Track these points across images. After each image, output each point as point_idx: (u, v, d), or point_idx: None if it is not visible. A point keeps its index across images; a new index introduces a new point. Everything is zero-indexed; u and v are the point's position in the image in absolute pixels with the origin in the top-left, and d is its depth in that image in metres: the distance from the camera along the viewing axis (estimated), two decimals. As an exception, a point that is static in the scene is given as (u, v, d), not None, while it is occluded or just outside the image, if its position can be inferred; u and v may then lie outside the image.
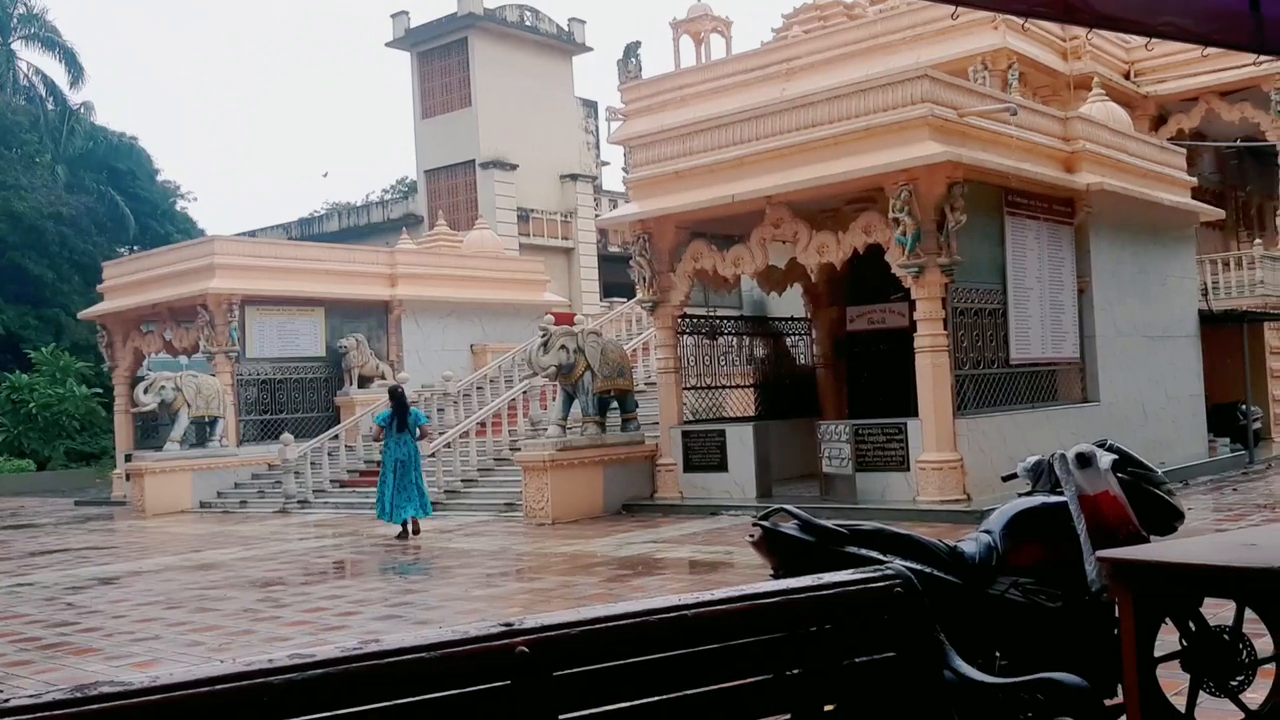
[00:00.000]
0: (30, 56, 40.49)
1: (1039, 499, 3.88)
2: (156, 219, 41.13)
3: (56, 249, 35.02)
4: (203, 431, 19.99)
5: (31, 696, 1.86)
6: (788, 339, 17.56)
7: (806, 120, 13.25)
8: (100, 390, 28.79)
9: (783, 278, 15.85)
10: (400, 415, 13.86)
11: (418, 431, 14.03)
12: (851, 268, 14.40)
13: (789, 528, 3.38)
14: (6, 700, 1.83)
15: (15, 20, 39.78)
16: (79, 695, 1.88)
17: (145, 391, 19.25)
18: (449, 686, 2.13)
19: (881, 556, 3.23)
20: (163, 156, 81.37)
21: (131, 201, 39.79)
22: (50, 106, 40.06)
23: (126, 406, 22.50)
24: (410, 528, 13.57)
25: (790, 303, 17.39)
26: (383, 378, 22.21)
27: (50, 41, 39.90)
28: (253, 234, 36.44)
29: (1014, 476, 4.22)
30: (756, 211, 13.77)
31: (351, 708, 2.04)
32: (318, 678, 2.03)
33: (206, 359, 21.13)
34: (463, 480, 17.04)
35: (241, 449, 20.46)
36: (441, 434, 17.75)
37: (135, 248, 35.84)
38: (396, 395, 14.19)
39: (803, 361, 17.53)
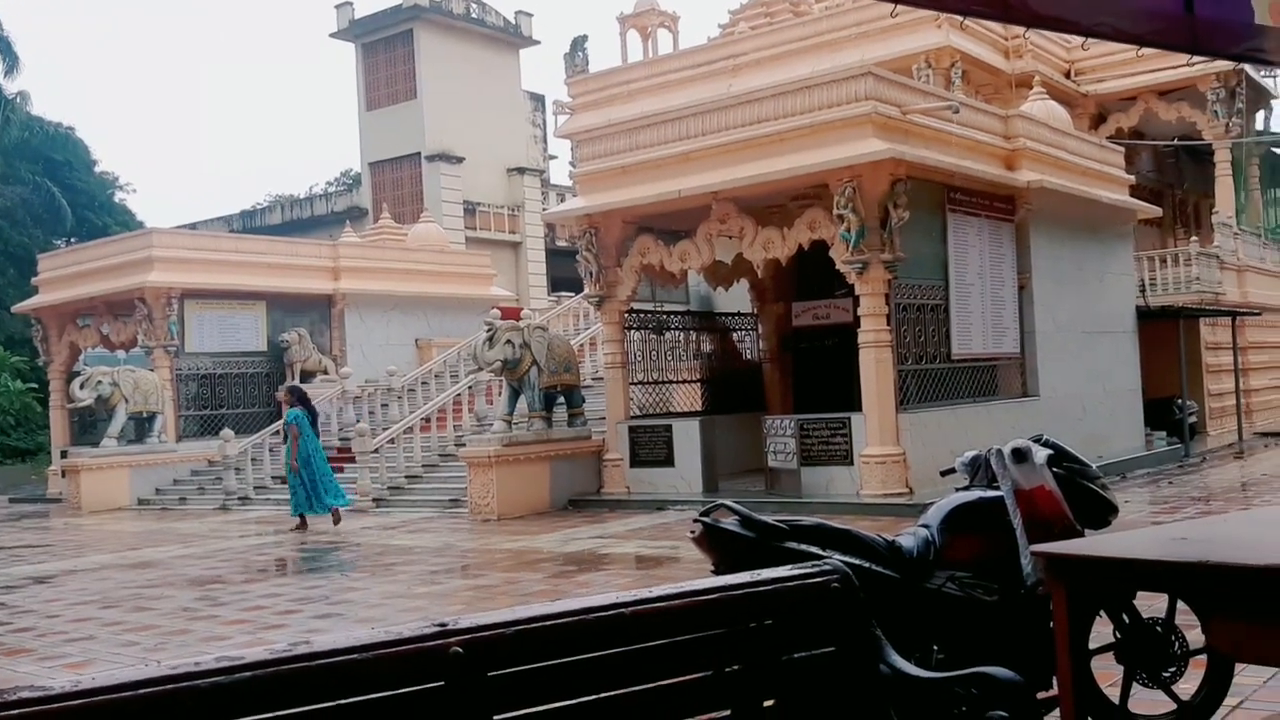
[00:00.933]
0: (-38, 44, 39.46)
1: (976, 493, 3.91)
2: (94, 210, 40.32)
3: (-11, 241, 34.23)
4: (141, 427, 19.64)
5: (-53, 702, 1.81)
6: (734, 334, 17.62)
7: (752, 116, 13.29)
8: (35, 385, 28.20)
9: (729, 273, 15.90)
10: (313, 413, 14.55)
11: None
12: (797, 263, 14.48)
13: (729, 523, 3.38)
14: (-82, 706, 1.78)
15: (-54, 6, 38.75)
16: (-3, 701, 1.83)
17: (81, 387, 18.88)
18: (382, 688, 2.10)
19: (821, 552, 3.24)
20: (101, 147, 79.74)
21: (68, 193, 38.94)
22: (-16, 95, 39.09)
23: (62, 402, 22.04)
24: (333, 517, 14.05)
25: (737, 298, 17.46)
26: (325, 372, 21.97)
27: (-17, 29, 38.90)
28: (193, 226, 35.84)
29: (952, 471, 4.25)
30: (703, 207, 13.79)
31: (281, 710, 2.00)
32: (246, 680, 1.99)
33: (145, 353, 20.76)
34: (407, 476, 16.90)
35: (181, 445, 20.13)
36: (385, 429, 17.60)
37: (72, 240, 35.11)
38: (302, 393, 14.93)
39: (749, 357, 17.60)
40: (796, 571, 2.56)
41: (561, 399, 15.44)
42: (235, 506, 17.64)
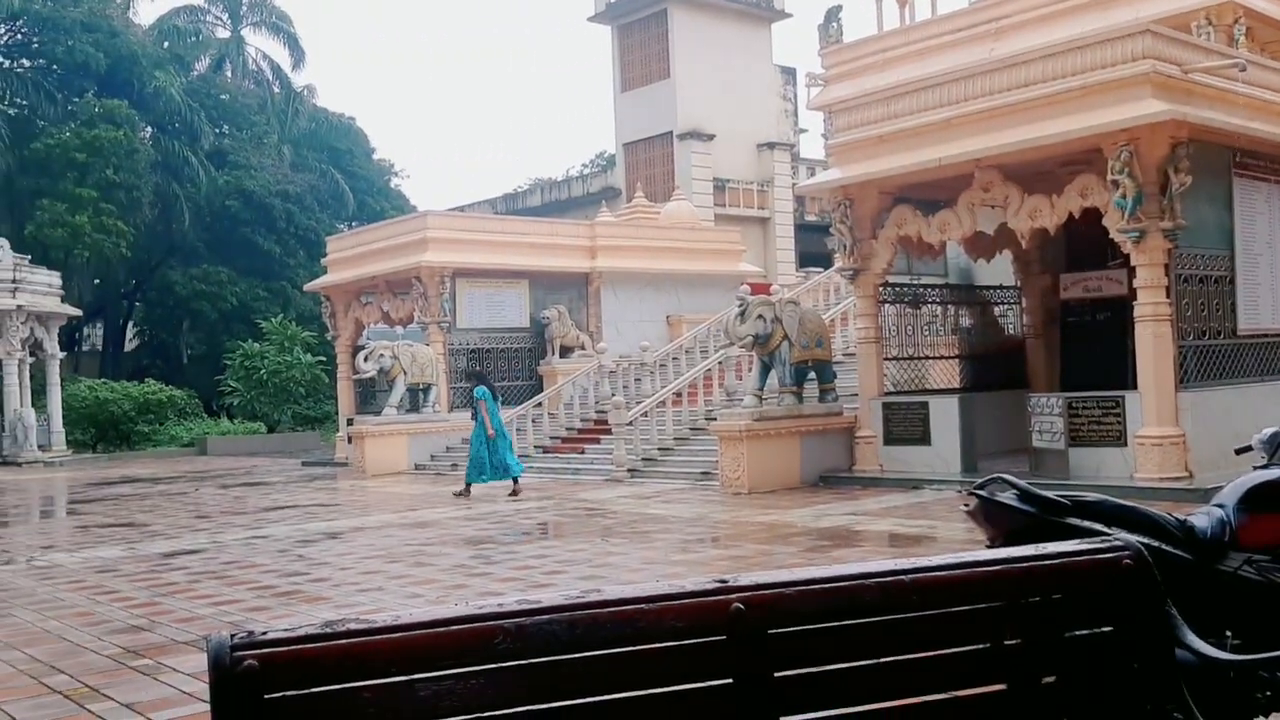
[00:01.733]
0: (258, 42, 43.24)
1: (1277, 472, 3.64)
2: (373, 196, 43.30)
3: (283, 225, 37.36)
4: (417, 398, 20.95)
5: (286, 630, 2.03)
6: (995, 308, 16.99)
7: (1019, 80, 12.72)
8: (324, 358, 30.62)
9: (991, 244, 15.33)
10: (494, 391, 15.72)
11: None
12: (1065, 233, 13.79)
13: (1007, 497, 3.29)
14: (264, 632, 2.00)
15: (245, 8, 42.47)
16: (329, 630, 2.04)
17: (365, 360, 20.31)
18: (666, 638, 2.18)
19: (1105, 529, 3.11)
20: (377, 136, 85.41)
21: (350, 179, 42.00)
22: (276, 90, 42.69)
23: (348, 373, 23.79)
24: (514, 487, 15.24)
25: (999, 270, 16.80)
26: (583, 348, 22.75)
27: (276, 27, 42.46)
28: (461, 209, 37.83)
29: (1248, 449, 3.97)
30: (964, 175, 13.34)
31: (574, 654, 2.12)
32: (544, 622, 2.13)
33: (421, 329, 22.14)
34: (659, 448, 17.29)
35: (452, 415, 21.33)
36: (639, 403, 18.05)
37: (353, 223, 37.84)
38: (482, 374, 16.52)
39: (1011, 331, 16.93)
40: (1085, 546, 2.48)
41: (812, 374, 15.34)
42: (501, 473, 18.57)
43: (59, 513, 16.80)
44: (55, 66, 36.56)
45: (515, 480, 15.21)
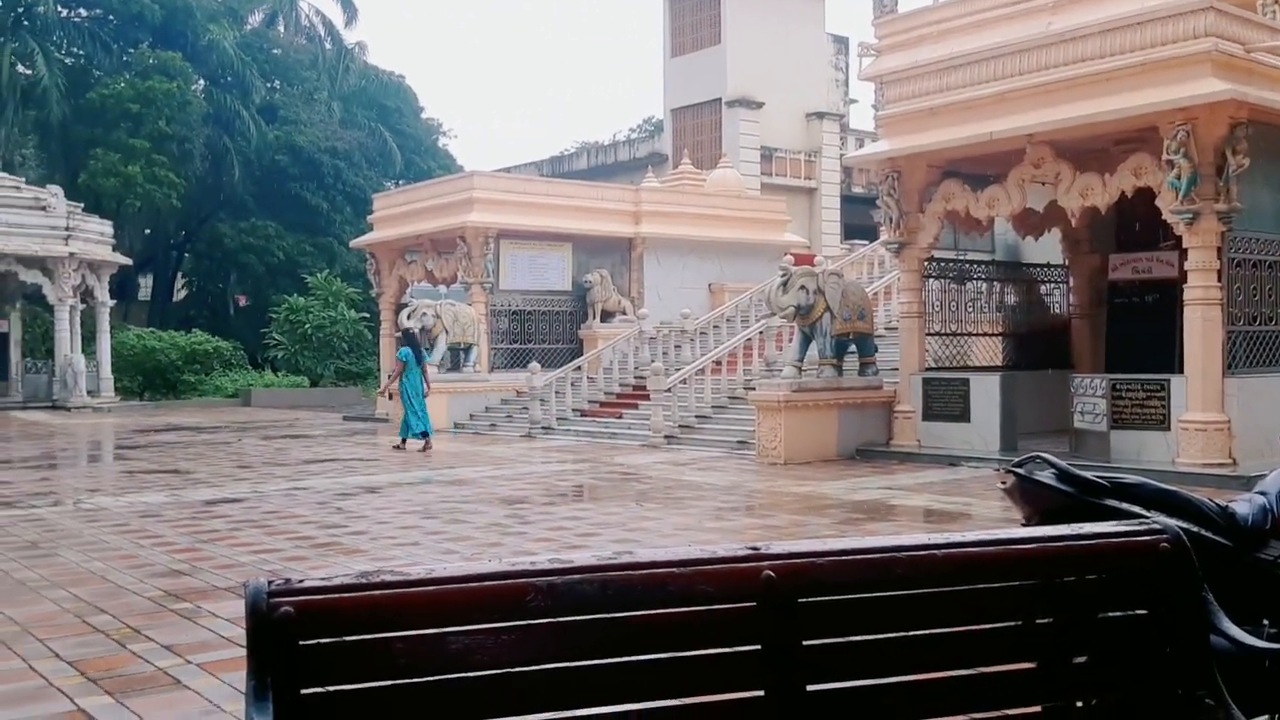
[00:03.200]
0: (310, -2, 43.24)
1: (1325, 463, 3.58)
2: (420, 155, 43.35)
3: (331, 181, 37.57)
4: (457, 357, 21.07)
5: (323, 579, 2.06)
6: (1042, 286, 16.79)
7: (1075, 55, 12.50)
8: (367, 315, 30.86)
9: (1040, 221, 15.13)
10: (418, 352, 16.72)
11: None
12: (1116, 212, 13.57)
13: (1045, 476, 3.25)
14: (301, 580, 2.04)
15: (298, -37, 42.51)
16: (364, 581, 2.07)
17: (408, 317, 20.41)
18: (697, 603, 2.19)
19: (1144, 512, 3.07)
20: (424, 95, 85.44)
21: (398, 137, 42.08)
22: (327, 46, 42.75)
23: (391, 331, 23.96)
24: (425, 444, 16.38)
25: (1046, 248, 16.58)
26: (624, 313, 22.75)
27: (329, -17, 42.43)
28: (508, 170, 37.83)
29: (1295, 438, 3.91)
30: (1015, 151, 13.15)
31: (606, 614, 2.14)
32: (576, 581, 2.14)
33: (464, 289, 22.23)
34: (696, 416, 17.29)
35: (492, 375, 21.47)
36: (678, 370, 18.05)
37: (400, 181, 37.94)
38: (412, 336, 17.49)
39: (1057, 311, 16.72)
40: (1122, 528, 2.46)
41: (853, 347, 15.25)
42: (539, 435, 18.70)
43: (106, 458, 17.12)
44: (111, 17, 36.86)
45: (403, 440, 16.54)
